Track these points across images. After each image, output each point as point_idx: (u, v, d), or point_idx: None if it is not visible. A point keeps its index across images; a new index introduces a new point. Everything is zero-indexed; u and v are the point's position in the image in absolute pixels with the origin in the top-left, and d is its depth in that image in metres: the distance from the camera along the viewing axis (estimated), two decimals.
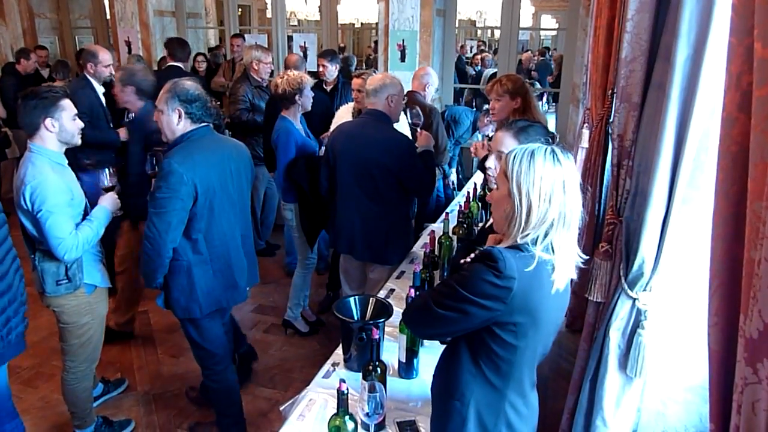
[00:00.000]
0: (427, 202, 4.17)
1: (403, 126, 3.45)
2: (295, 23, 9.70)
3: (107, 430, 2.91)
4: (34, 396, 3.25)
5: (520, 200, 1.37)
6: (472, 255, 1.49)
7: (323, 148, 3.82)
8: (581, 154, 2.90)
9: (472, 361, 1.49)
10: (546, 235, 1.38)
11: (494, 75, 7.30)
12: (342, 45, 11.35)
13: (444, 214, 2.90)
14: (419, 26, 5.53)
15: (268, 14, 10.76)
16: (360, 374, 2.03)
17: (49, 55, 7.25)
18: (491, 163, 2.13)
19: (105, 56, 4.07)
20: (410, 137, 3.31)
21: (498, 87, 2.89)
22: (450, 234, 2.85)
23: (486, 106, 5.12)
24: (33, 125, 2.35)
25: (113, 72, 3.97)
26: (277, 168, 3.59)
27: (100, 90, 4.06)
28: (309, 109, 3.62)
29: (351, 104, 3.83)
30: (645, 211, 1.86)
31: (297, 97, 3.48)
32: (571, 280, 1.53)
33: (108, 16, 7.61)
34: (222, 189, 2.48)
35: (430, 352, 2.17)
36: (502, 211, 1.44)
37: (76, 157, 3.24)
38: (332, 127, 3.88)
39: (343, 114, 3.96)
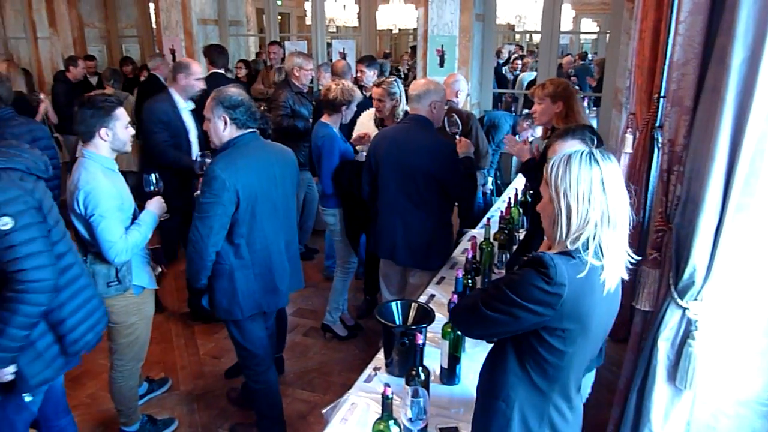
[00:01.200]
0: (470, 208, 4.15)
1: None
2: (334, 30, 9.79)
3: (151, 428, 2.98)
4: (82, 393, 3.34)
5: (559, 203, 1.39)
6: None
7: (361, 153, 3.85)
8: (624, 160, 2.84)
9: (519, 363, 1.49)
10: (592, 237, 1.37)
11: (534, 80, 7.23)
12: (387, 51, 11.40)
13: (485, 219, 2.87)
14: (458, 31, 5.52)
15: (307, 21, 10.92)
16: (401, 379, 2.04)
17: (97, 64, 7.51)
18: None
19: (197, 68, 3.95)
20: None
21: (540, 90, 2.86)
22: (491, 240, 2.83)
23: (526, 111, 5.09)
24: (88, 133, 2.43)
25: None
26: (321, 173, 3.62)
27: (185, 105, 3.92)
28: (347, 122, 3.67)
29: (372, 110, 3.83)
30: (697, 218, 1.81)
31: (344, 108, 3.53)
32: (622, 288, 1.50)
33: (153, 25, 7.85)
34: (265, 195, 2.51)
35: (473, 359, 2.16)
36: (547, 218, 1.46)
37: None
38: (355, 133, 3.92)
39: (365, 120, 3.97)
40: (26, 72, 6.52)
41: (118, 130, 2.47)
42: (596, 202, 1.36)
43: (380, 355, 2.24)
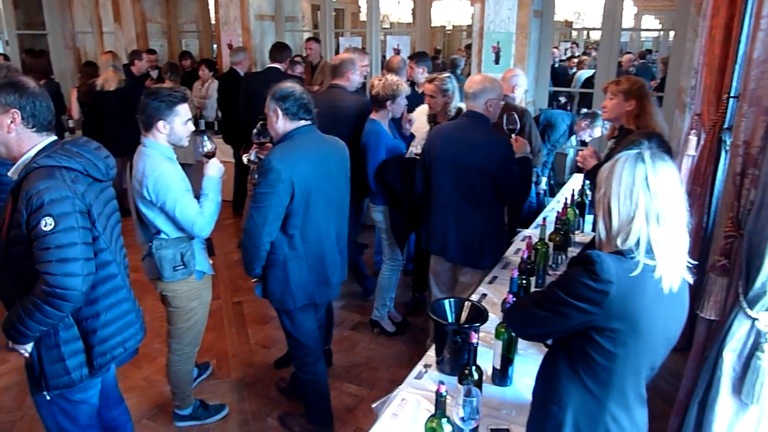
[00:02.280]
0: (520, 208, 4.08)
1: None
2: (387, 26, 9.80)
3: (203, 412, 3.06)
4: (138, 375, 3.46)
5: (602, 202, 1.41)
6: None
7: (411, 150, 3.84)
8: (687, 162, 2.73)
9: (570, 366, 1.48)
10: (642, 235, 1.36)
11: (590, 78, 7.04)
12: (438, 48, 11.34)
13: (541, 219, 2.81)
14: (515, 28, 5.42)
15: (361, 17, 10.97)
16: (452, 377, 2.02)
17: (158, 58, 7.75)
18: None
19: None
20: None
21: (614, 86, 2.79)
22: (546, 240, 2.77)
23: (584, 110, 4.96)
24: (148, 123, 2.50)
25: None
26: (368, 170, 3.63)
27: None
28: (398, 116, 3.64)
29: (425, 106, 3.80)
30: None
31: (388, 103, 3.51)
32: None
33: (212, 21, 8.04)
34: (319, 187, 2.53)
35: (525, 361, 2.12)
36: (599, 220, 1.45)
37: None
38: (412, 130, 3.89)
39: (419, 116, 3.94)
40: (94, 64, 6.78)
41: (176, 125, 2.52)
42: (640, 200, 1.35)
43: (431, 352, 2.23)
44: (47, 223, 1.72)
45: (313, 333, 2.78)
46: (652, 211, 1.35)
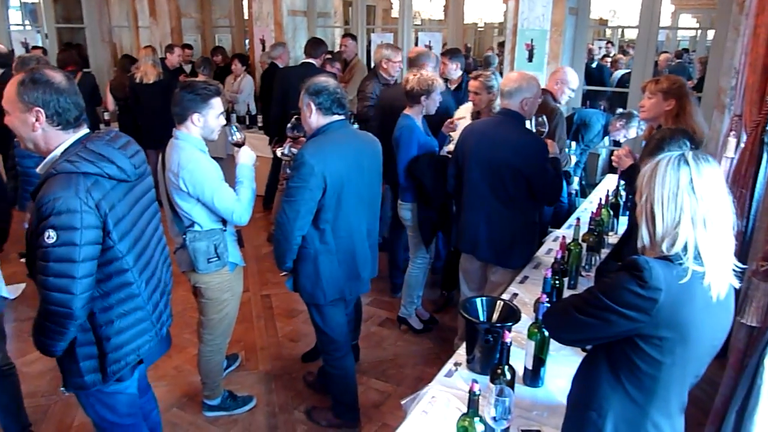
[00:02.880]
0: (552, 208, 4.03)
1: None
2: (419, 23, 9.77)
3: (231, 403, 3.09)
4: (168, 365, 3.51)
5: (644, 206, 1.37)
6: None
7: (445, 148, 3.82)
8: (725, 164, 2.67)
9: (612, 372, 1.44)
10: (689, 241, 1.32)
11: (626, 77, 6.91)
12: (468, 46, 11.27)
13: (575, 219, 2.77)
14: (550, 25, 5.35)
15: (393, 14, 10.95)
16: (482, 376, 2.01)
17: (192, 53, 7.86)
18: None
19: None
20: None
21: (653, 84, 2.73)
22: (580, 241, 2.73)
23: (620, 110, 4.87)
24: (182, 116, 2.53)
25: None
26: (398, 165, 3.62)
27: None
28: (432, 113, 3.62)
29: (470, 104, 3.77)
30: None
31: (423, 98, 3.49)
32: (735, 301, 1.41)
33: (246, 16, 8.11)
34: (351, 182, 2.53)
35: (557, 362, 2.10)
36: (641, 225, 1.41)
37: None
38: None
39: (463, 113, 3.92)
40: (130, 58, 6.91)
41: (210, 118, 2.54)
42: (685, 204, 1.31)
43: (461, 350, 2.21)
44: (50, 236, 1.65)
45: (342, 328, 2.79)
46: (699, 215, 1.31)
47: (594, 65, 8.03)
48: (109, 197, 1.77)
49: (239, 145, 2.73)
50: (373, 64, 5.47)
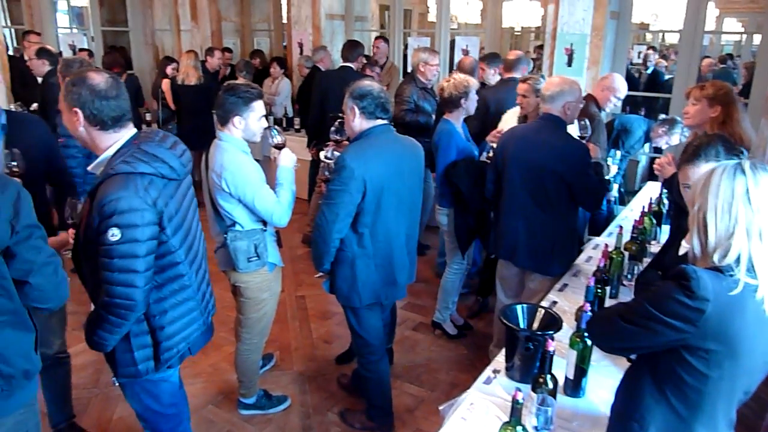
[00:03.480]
0: (589, 215, 3.97)
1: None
2: (455, 26, 9.74)
3: (266, 402, 3.12)
4: (205, 362, 3.57)
5: (697, 216, 1.34)
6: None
7: (484, 153, 3.79)
8: None
9: (656, 385, 1.41)
10: (743, 252, 1.28)
11: (668, 82, 6.74)
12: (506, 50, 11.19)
13: (617, 227, 2.72)
14: (590, 29, 5.28)
15: (429, 18, 10.94)
16: (521, 384, 1.99)
17: (232, 56, 7.99)
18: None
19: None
20: None
21: (697, 90, 2.67)
22: (622, 249, 2.68)
23: (662, 116, 4.76)
24: (224, 118, 2.57)
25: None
26: (436, 170, 3.61)
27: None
28: (472, 112, 3.61)
29: (517, 108, 3.74)
30: None
31: (462, 101, 3.49)
32: None
33: (284, 20, 8.20)
34: (392, 187, 2.54)
35: (599, 372, 2.06)
36: (693, 234, 1.38)
37: None
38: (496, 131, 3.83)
39: (510, 117, 3.88)
40: (171, 60, 7.06)
41: (251, 121, 2.58)
42: (740, 214, 1.28)
43: (500, 357, 2.19)
44: (114, 234, 1.73)
45: (378, 332, 2.79)
46: (754, 226, 1.27)
47: (650, 71, 7.91)
48: (163, 195, 1.84)
49: (280, 147, 2.75)
50: (410, 68, 5.47)
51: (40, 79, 5.33)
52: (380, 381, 2.87)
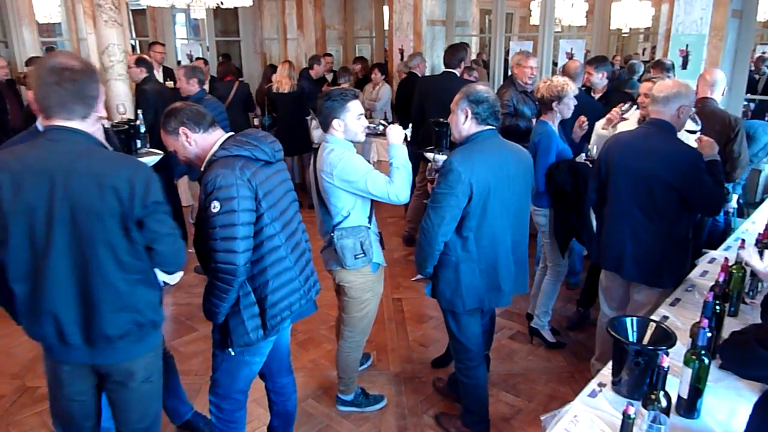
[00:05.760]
0: (707, 227, 3.73)
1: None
2: (558, 29, 9.49)
3: (364, 400, 3.20)
4: (305, 357, 3.71)
5: None
6: None
7: (582, 155, 3.68)
8: None
9: None
10: None
11: None
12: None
13: (739, 241, 2.54)
14: (709, 29, 4.97)
15: (531, 21, 10.73)
16: (628, 400, 1.91)
17: (333, 61, 8.25)
18: None
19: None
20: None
21: None
22: (743, 264, 2.50)
23: None
24: (326, 122, 2.71)
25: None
26: (536, 170, 3.54)
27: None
28: (567, 117, 3.53)
29: (637, 111, 3.58)
30: None
31: (554, 104, 3.42)
32: None
33: (386, 27, 8.37)
34: (498, 192, 2.52)
35: (716, 393, 1.94)
36: None
37: None
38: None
39: (629, 118, 3.72)
40: (275, 67, 7.42)
41: (349, 121, 2.68)
42: None
43: (605, 371, 2.12)
44: (215, 206, 2.04)
45: (477, 338, 2.78)
46: None
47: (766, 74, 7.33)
48: (257, 175, 2.14)
49: (384, 131, 2.84)
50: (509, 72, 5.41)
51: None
52: (478, 387, 2.85)
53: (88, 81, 1.83)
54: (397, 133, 2.76)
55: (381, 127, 2.88)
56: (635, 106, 3.77)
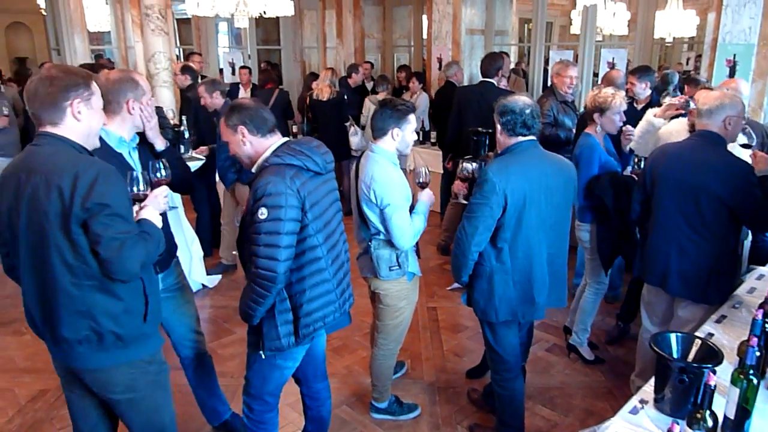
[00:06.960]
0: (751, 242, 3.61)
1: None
2: (599, 38, 9.35)
3: (397, 408, 3.19)
4: (340, 363, 3.73)
5: None
6: None
7: (629, 168, 3.60)
8: None
9: None
10: None
11: None
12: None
13: None
14: (758, 39, 4.84)
15: (572, 30, 10.61)
16: (673, 418, 1.86)
17: (372, 69, 8.31)
18: None
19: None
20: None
21: None
22: None
23: None
24: (382, 130, 2.72)
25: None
26: (579, 184, 3.49)
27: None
28: (612, 132, 3.47)
29: (684, 120, 3.50)
30: None
31: (596, 116, 3.37)
32: None
33: (425, 35, 8.40)
34: (534, 204, 2.50)
35: (765, 415, 1.87)
36: None
37: None
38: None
39: (678, 129, 3.62)
40: (316, 75, 7.52)
41: (407, 133, 2.71)
42: None
43: (647, 387, 2.07)
44: (262, 212, 2.05)
45: (514, 349, 2.75)
46: None
47: None
48: (306, 186, 2.14)
49: (424, 186, 2.87)
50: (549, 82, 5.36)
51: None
52: (514, 399, 2.82)
53: (63, 90, 1.83)
54: (428, 195, 2.84)
55: (422, 178, 2.90)
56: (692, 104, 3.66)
